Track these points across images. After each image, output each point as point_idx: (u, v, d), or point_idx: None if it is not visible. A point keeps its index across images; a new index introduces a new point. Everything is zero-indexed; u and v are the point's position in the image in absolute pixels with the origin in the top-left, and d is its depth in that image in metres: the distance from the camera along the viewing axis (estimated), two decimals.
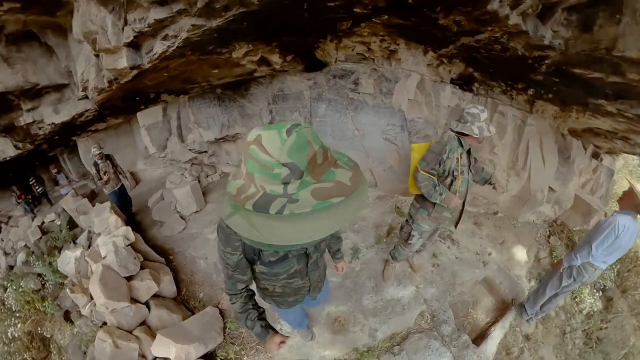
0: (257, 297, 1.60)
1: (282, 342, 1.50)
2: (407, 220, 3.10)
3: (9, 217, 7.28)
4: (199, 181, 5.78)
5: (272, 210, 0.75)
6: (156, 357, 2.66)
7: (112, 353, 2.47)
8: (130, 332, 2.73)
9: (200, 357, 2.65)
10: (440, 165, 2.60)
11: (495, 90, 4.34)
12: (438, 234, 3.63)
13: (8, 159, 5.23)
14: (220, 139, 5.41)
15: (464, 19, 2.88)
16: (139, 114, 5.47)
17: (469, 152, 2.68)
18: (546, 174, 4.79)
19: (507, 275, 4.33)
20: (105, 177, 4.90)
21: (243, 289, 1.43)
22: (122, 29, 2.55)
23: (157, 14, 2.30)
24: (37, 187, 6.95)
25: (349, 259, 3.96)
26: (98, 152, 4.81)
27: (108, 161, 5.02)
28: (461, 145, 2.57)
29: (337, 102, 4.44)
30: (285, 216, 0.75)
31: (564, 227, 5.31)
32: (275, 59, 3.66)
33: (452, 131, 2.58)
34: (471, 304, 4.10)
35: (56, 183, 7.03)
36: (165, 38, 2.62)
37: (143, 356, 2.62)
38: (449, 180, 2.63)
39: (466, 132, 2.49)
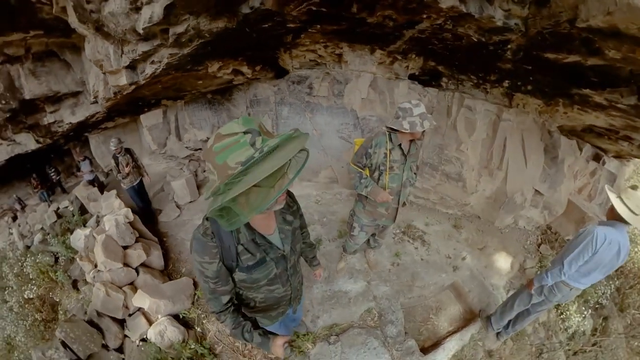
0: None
1: (286, 342, 1.54)
2: (351, 213, 3.26)
3: (24, 206, 8.30)
4: (196, 175, 6.62)
5: (256, 155, 0.92)
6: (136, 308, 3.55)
7: (104, 299, 3.41)
8: (120, 287, 3.66)
9: (169, 315, 3.49)
10: (367, 159, 2.72)
11: (466, 84, 4.36)
12: (390, 231, 3.86)
13: (29, 151, 6.18)
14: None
15: (394, 12, 3.08)
16: (142, 116, 6.42)
17: (410, 149, 2.70)
18: (529, 175, 4.63)
19: (480, 284, 4.15)
20: (127, 169, 5.08)
21: (228, 302, 1.43)
22: (121, 56, 3.43)
23: (143, 47, 3.16)
24: (54, 176, 7.93)
25: None
26: (115, 147, 5.00)
27: (128, 155, 5.21)
28: (391, 140, 2.61)
29: (296, 105, 5.10)
30: (265, 154, 0.92)
31: (558, 235, 5.05)
32: (245, 70, 4.46)
33: (386, 127, 2.63)
34: (434, 309, 4.01)
35: (78, 169, 7.46)
36: (152, 62, 3.49)
37: (126, 307, 3.54)
38: (376, 174, 2.73)
39: (396, 128, 2.49)
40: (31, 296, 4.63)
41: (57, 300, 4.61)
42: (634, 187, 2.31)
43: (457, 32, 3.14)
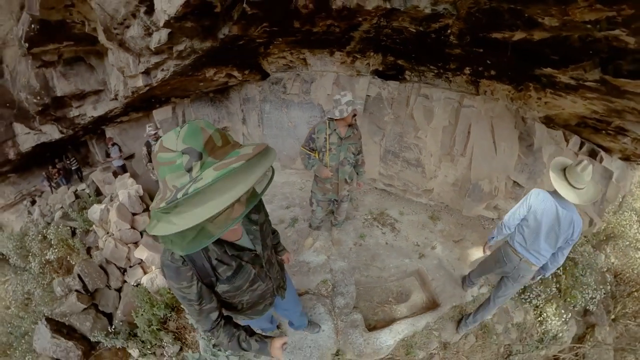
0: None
1: (284, 343, 1.60)
2: (310, 193, 3.96)
3: (42, 192, 9.50)
4: None
5: (179, 196, 0.81)
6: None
7: (112, 250, 4.65)
8: (126, 244, 4.86)
9: None
10: (312, 142, 3.38)
11: (428, 75, 4.66)
12: (345, 208, 4.29)
13: (53, 140, 7.40)
14: None
15: (333, 21, 3.64)
16: (154, 112, 7.63)
17: (346, 133, 3.33)
18: (500, 163, 4.70)
19: (448, 274, 4.24)
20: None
21: (217, 318, 1.46)
22: (138, 65, 4.55)
23: (155, 59, 4.27)
24: (74, 165, 9.11)
25: (286, 226, 4.99)
26: (153, 132, 5.31)
27: None
28: (330, 127, 3.27)
29: (275, 102, 6.10)
30: (192, 196, 0.81)
31: None
32: (236, 73, 5.55)
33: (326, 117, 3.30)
34: (395, 293, 4.19)
35: (108, 155, 8.03)
36: (162, 70, 4.61)
37: (129, 259, 4.76)
38: (320, 155, 3.41)
39: (330, 117, 3.21)
40: (51, 259, 5.64)
41: (73, 263, 5.45)
42: (579, 163, 2.42)
43: (394, 26, 3.55)
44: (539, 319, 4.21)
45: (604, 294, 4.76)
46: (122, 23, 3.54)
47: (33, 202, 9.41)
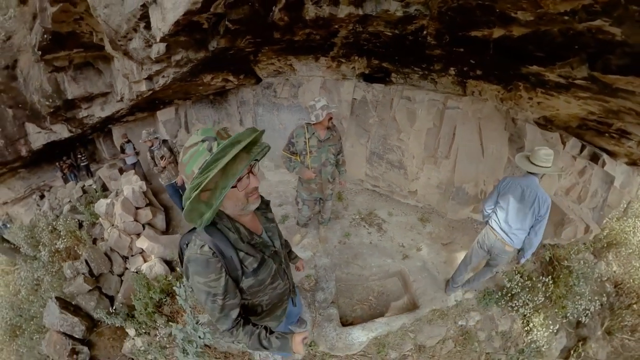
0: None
1: (305, 337, 1.61)
2: (296, 192, 4.22)
3: (50, 187, 10.24)
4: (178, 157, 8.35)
5: (207, 158, 1.15)
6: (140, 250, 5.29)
7: (116, 239, 5.23)
8: (129, 235, 5.40)
9: (160, 257, 5.13)
10: (292, 146, 3.60)
11: (413, 77, 4.75)
12: (329, 207, 4.45)
13: (62, 139, 7.99)
14: None
15: (312, 29, 3.89)
16: (158, 112, 8.23)
17: (325, 135, 3.56)
18: (487, 166, 4.65)
19: (432, 277, 4.30)
20: (162, 163, 5.24)
21: (238, 316, 1.49)
22: (141, 71, 5.02)
23: (156, 67, 4.72)
24: (83, 160, 9.74)
25: (278, 221, 5.18)
26: (149, 138, 5.28)
27: (165, 147, 5.41)
28: (308, 130, 3.51)
29: (267, 105, 6.57)
30: (213, 156, 1.13)
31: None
32: (232, 78, 5.99)
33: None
34: (375, 292, 4.31)
35: (122, 151, 8.32)
36: (163, 76, 5.07)
37: (131, 249, 5.32)
38: (302, 158, 3.61)
39: (308, 122, 3.53)
40: (60, 248, 6.13)
41: (80, 253, 5.85)
42: (541, 149, 2.89)
43: (370, 31, 3.69)
44: (526, 328, 4.14)
45: (601, 305, 4.60)
46: (125, 36, 4.03)
47: (42, 197, 10.09)
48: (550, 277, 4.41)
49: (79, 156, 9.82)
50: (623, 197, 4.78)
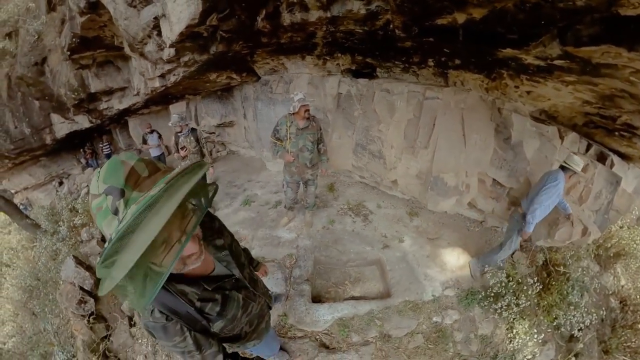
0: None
1: None
2: (283, 175, 4.76)
3: (69, 175, 11.40)
4: (211, 154, 8.11)
5: (107, 245, 0.77)
6: None
7: None
8: None
9: None
10: (277, 133, 4.30)
11: (396, 70, 5.04)
12: (312, 192, 4.95)
13: (83, 129, 9.03)
14: (220, 124, 8.96)
15: (292, 33, 4.38)
16: (170, 106, 9.16)
17: (304, 125, 4.17)
18: (470, 156, 4.73)
19: (409, 268, 4.40)
20: (182, 153, 5.32)
21: (224, 359, 1.48)
22: (155, 70, 5.86)
23: (168, 67, 5.51)
24: (106, 150, 10.65)
25: (270, 207, 5.88)
26: (180, 123, 5.49)
27: (192, 137, 5.57)
28: (289, 120, 4.16)
29: (265, 101, 7.13)
30: (116, 241, 0.76)
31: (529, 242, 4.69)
32: (235, 76, 6.79)
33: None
34: (352, 278, 4.48)
35: (145, 142, 8.65)
36: (174, 75, 5.87)
37: None
38: (284, 143, 4.27)
39: (289, 112, 4.14)
40: (77, 224, 7.00)
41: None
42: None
43: (342, 30, 4.00)
44: (509, 335, 3.92)
45: (601, 320, 4.34)
46: (141, 41, 4.92)
47: (60, 183, 11.27)
48: (540, 281, 4.19)
49: (102, 145, 10.78)
50: (634, 203, 4.66)
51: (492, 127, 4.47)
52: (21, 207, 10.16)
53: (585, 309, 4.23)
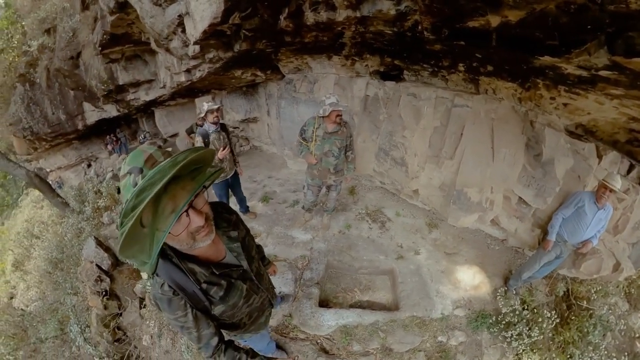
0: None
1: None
2: (305, 176, 4.71)
3: (97, 158, 12.56)
4: (235, 147, 8.90)
5: (124, 204, 1.01)
6: None
7: None
8: None
9: None
10: (304, 133, 4.24)
11: (424, 74, 4.89)
12: (333, 198, 4.93)
13: (111, 117, 9.62)
14: (245, 120, 9.17)
15: (318, 32, 4.37)
16: (196, 100, 9.42)
17: (333, 129, 4.06)
18: (497, 171, 4.44)
19: (422, 282, 4.29)
20: (221, 153, 4.35)
21: (218, 343, 1.58)
22: (181, 65, 6.07)
23: (193, 62, 5.71)
24: (140, 138, 11.36)
25: (287, 205, 5.98)
26: (215, 107, 4.41)
27: (224, 133, 4.63)
28: (317, 122, 4.08)
29: (288, 99, 7.25)
30: (132, 200, 0.97)
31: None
32: (259, 73, 6.95)
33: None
34: (363, 285, 4.45)
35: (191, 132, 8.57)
36: (199, 70, 6.04)
37: None
38: (310, 144, 4.21)
39: (318, 115, 4.05)
40: (101, 206, 7.63)
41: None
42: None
43: (372, 31, 3.93)
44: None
45: None
46: (167, 38, 5.12)
47: (89, 165, 12.32)
48: (558, 314, 3.95)
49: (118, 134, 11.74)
50: None
51: (523, 142, 4.21)
52: (56, 184, 11.50)
53: (606, 352, 3.93)
